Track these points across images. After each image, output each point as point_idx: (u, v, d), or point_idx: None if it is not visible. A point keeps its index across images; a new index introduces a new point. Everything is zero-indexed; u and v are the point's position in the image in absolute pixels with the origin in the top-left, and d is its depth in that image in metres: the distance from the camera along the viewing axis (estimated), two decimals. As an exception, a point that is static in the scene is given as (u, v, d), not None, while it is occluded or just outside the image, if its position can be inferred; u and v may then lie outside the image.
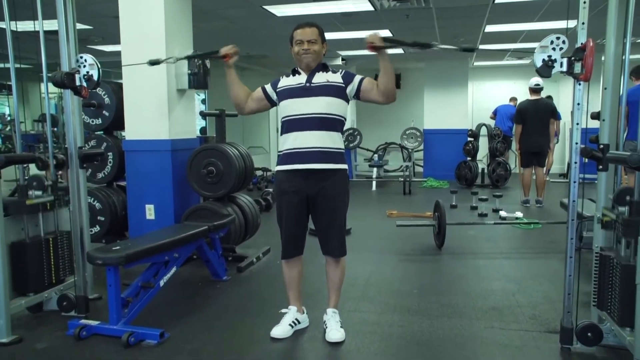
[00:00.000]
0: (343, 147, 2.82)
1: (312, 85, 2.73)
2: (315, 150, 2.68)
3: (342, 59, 10.03)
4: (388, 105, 2.82)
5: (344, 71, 2.82)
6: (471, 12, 6.14)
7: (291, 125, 2.74)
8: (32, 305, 3.13)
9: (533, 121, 6.73)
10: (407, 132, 10.37)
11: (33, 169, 4.05)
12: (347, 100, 2.80)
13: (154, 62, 3.11)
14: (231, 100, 2.90)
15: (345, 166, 2.80)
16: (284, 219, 2.82)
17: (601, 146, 2.57)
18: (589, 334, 2.54)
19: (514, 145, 7.93)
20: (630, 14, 2.45)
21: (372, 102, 2.81)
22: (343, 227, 2.86)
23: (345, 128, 2.90)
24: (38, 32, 3.08)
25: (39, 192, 3.10)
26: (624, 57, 2.53)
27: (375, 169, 9.75)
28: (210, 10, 5.86)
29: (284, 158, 2.77)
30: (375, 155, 10.83)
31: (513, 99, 10.22)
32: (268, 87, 2.89)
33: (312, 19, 2.86)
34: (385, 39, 2.55)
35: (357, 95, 2.76)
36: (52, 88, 3.15)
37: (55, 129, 7.08)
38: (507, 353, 2.63)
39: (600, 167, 2.56)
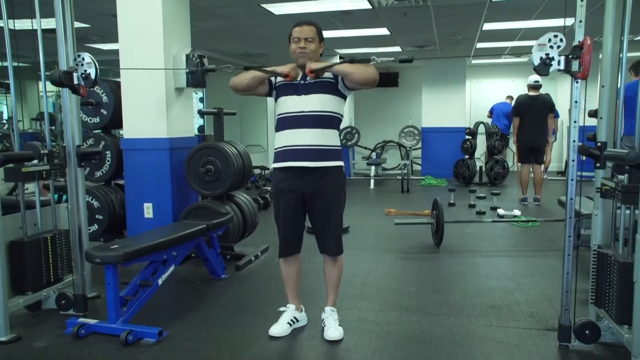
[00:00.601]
0: (339, 144, 2.81)
1: (306, 82, 2.73)
2: (310, 148, 2.68)
3: (340, 57, 10.03)
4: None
5: None
6: (469, 10, 6.15)
7: (286, 123, 2.74)
8: (31, 303, 3.13)
9: (531, 117, 6.73)
10: (405, 130, 10.37)
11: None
12: (343, 96, 2.79)
13: (209, 69, 3.59)
14: (241, 81, 2.76)
15: (341, 163, 2.80)
16: (282, 217, 2.82)
17: (599, 144, 2.57)
18: (586, 331, 2.55)
19: (512, 143, 7.94)
20: (628, 12, 2.45)
21: (359, 88, 2.78)
22: (339, 226, 2.86)
23: (343, 126, 2.90)
24: (36, 30, 3.08)
25: (35, 161, 3.08)
26: (621, 55, 2.53)
27: (373, 167, 9.76)
28: (208, 9, 5.85)
29: (280, 155, 2.77)
30: (374, 154, 10.84)
31: (509, 97, 10.24)
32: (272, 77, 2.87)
33: (310, 17, 2.87)
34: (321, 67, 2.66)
35: (345, 85, 2.74)
36: (50, 86, 3.14)
37: (54, 127, 7.07)
38: (505, 351, 2.64)
39: (598, 164, 2.57)
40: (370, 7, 5.89)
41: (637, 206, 2.27)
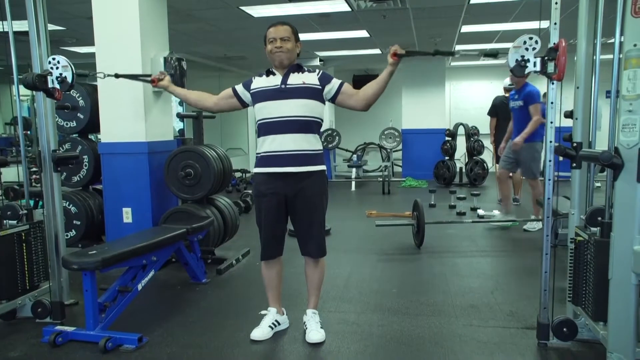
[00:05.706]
0: (321, 147, 2.81)
1: (287, 87, 2.71)
2: (291, 153, 2.67)
3: (320, 60, 10.04)
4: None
5: (320, 72, 2.80)
6: (447, 12, 6.20)
7: (267, 128, 2.72)
8: (5, 312, 3.05)
9: (507, 119, 6.81)
10: (386, 132, 10.42)
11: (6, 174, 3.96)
12: (324, 102, 2.79)
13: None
14: (196, 107, 3.02)
15: (323, 167, 2.79)
16: (263, 220, 2.81)
17: (574, 144, 2.62)
18: (564, 329, 2.59)
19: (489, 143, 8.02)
20: (600, 16, 2.49)
21: (346, 107, 2.81)
22: (322, 228, 2.85)
23: (323, 129, 2.91)
24: (7, 32, 3.02)
25: (13, 222, 3.03)
26: (594, 57, 2.58)
27: (354, 170, 9.79)
28: (186, 11, 5.80)
29: (262, 160, 2.76)
30: (354, 156, 10.87)
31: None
32: (239, 87, 2.85)
33: (289, 20, 2.86)
34: (408, 51, 2.67)
35: (334, 99, 2.76)
36: (24, 90, 3.08)
37: (29, 132, 6.95)
38: (486, 350, 2.66)
39: (574, 164, 2.61)
40: (349, 9, 5.91)
41: (607, 259, 2.27)
